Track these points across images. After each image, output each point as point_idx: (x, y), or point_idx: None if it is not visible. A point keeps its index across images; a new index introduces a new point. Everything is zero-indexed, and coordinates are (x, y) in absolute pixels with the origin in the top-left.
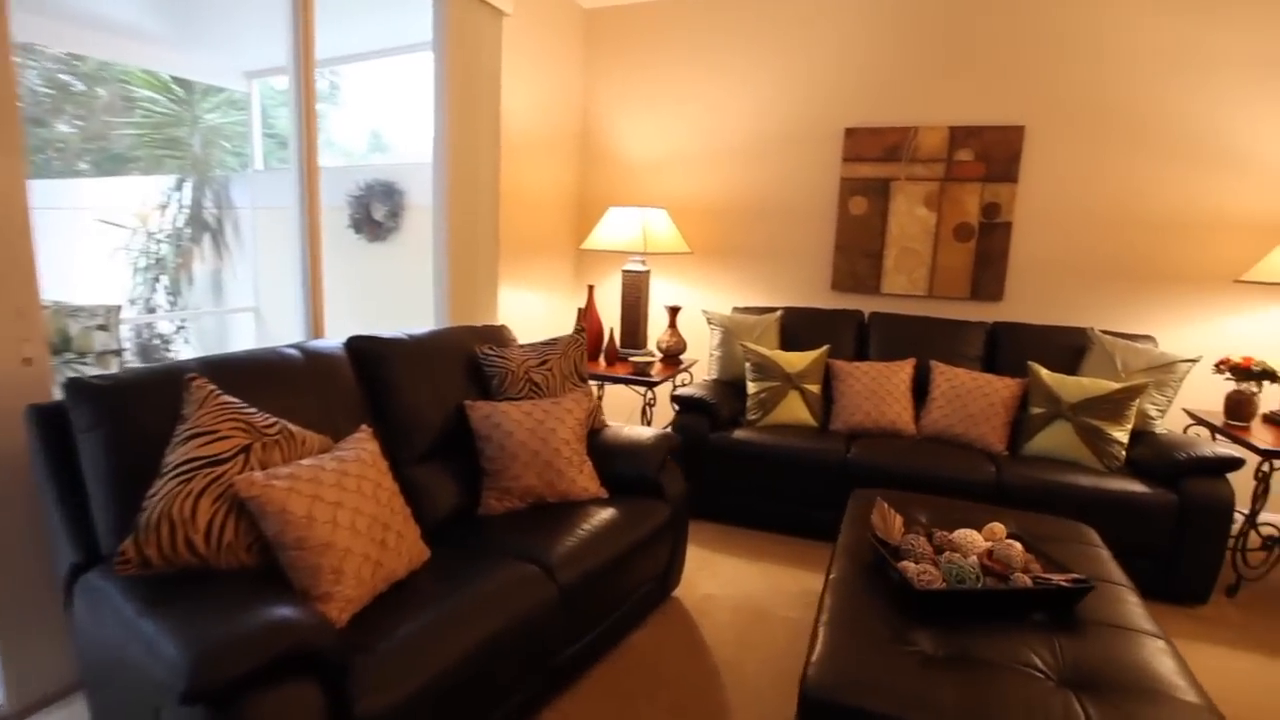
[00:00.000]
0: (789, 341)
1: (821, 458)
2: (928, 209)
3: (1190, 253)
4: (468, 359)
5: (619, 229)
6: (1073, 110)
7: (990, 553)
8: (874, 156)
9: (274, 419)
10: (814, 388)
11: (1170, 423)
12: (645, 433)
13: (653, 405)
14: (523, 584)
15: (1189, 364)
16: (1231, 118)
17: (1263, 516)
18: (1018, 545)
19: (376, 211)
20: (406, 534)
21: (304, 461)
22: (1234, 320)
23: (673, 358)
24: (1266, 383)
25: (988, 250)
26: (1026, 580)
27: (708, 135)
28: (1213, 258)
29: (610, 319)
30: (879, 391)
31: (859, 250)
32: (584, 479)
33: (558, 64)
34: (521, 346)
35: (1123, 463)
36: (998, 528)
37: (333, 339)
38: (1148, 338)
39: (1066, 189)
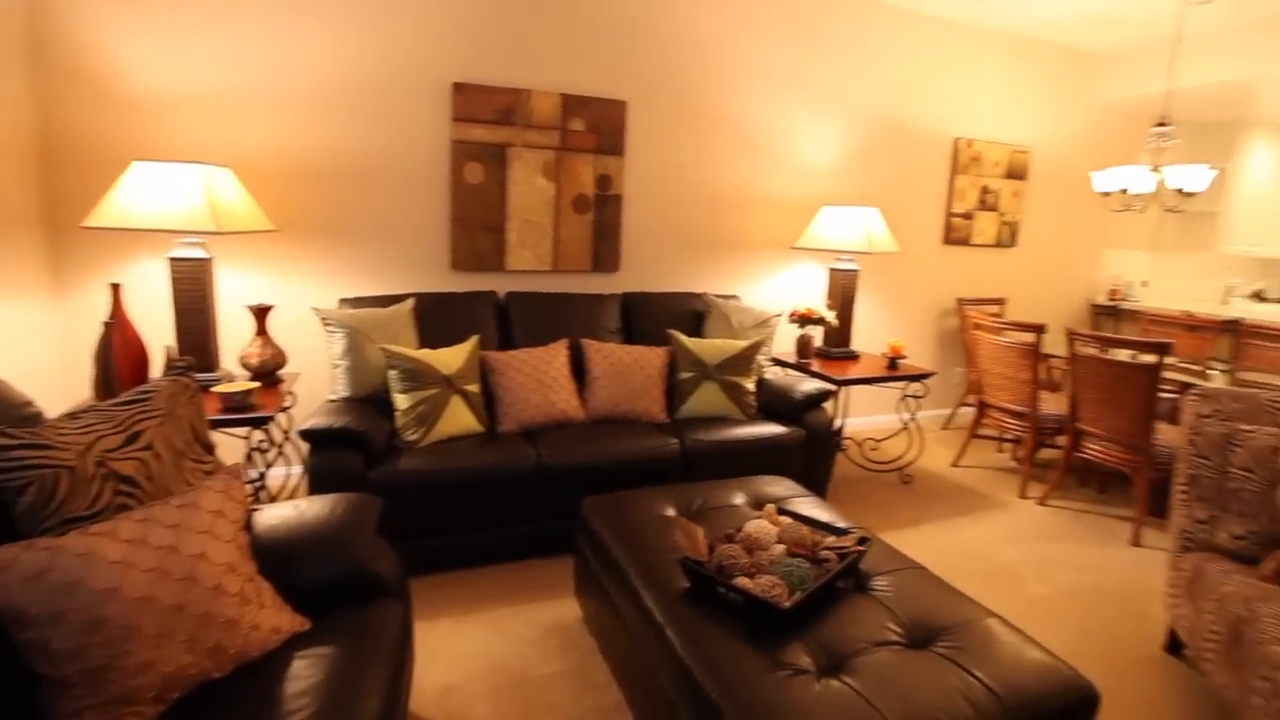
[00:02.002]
0: (427, 336)
1: (515, 469)
2: (546, 179)
3: (760, 225)
4: None
5: (165, 197)
6: (665, 92)
7: (795, 541)
8: (488, 119)
9: None
10: (474, 388)
11: None
12: (324, 505)
13: (264, 449)
14: None
15: (779, 317)
16: (770, 118)
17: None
18: (799, 523)
19: None
20: None
21: None
22: (791, 277)
23: (269, 376)
24: (819, 326)
25: (604, 222)
26: (834, 556)
27: (277, 69)
28: (776, 229)
29: (155, 333)
30: (544, 381)
31: (479, 224)
32: (270, 615)
33: None
34: (74, 417)
35: (756, 410)
36: (770, 509)
37: None
38: (735, 297)
39: (664, 165)
